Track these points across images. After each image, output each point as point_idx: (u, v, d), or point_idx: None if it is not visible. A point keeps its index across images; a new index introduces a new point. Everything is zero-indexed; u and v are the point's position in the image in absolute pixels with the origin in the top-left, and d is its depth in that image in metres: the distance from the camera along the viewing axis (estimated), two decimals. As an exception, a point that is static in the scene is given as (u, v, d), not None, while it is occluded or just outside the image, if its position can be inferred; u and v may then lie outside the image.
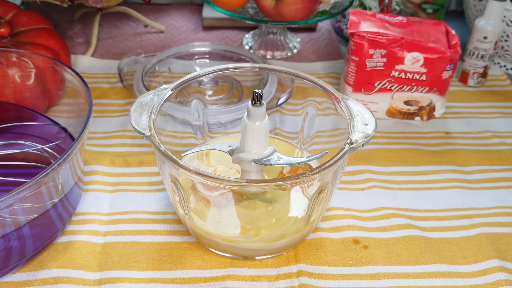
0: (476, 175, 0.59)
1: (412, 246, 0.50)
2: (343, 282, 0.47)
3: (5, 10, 0.67)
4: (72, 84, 0.53)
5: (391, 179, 0.58)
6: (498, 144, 0.64)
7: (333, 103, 0.49)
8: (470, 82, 0.75)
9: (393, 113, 0.67)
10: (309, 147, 0.56)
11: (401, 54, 0.62)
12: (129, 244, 0.50)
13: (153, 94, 0.48)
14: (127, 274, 0.47)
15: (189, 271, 0.47)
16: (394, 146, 0.63)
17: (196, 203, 0.49)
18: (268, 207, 0.48)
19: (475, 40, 0.72)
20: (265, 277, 0.47)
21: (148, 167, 0.58)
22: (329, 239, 0.51)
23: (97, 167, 0.57)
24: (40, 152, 0.54)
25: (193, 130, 0.57)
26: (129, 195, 0.55)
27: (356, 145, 0.43)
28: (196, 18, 0.93)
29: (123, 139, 0.63)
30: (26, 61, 0.58)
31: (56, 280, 0.46)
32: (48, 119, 0.58)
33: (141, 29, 0.89)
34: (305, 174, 0.41)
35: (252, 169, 0.47)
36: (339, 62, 0.80)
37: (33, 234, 0.45)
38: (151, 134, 0.44)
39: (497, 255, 0.49)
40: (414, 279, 0.47)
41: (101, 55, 0.81)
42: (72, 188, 0.48)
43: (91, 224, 0.51)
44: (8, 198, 0.38)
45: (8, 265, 0.45)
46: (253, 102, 0.45)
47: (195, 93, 0.66)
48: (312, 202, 0.45)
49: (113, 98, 0.70)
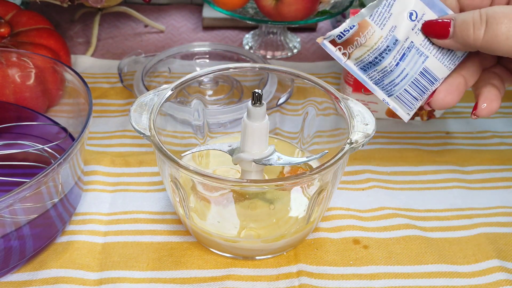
0: (476, 175, 0.59)
1: (412, 246, 0.50)
2: (343, 282, 0.47)
3: (5, 10, 0.67)
4: (72, 84, 0.53)
5: (391, 179, 0.58)
6: (498, 144, 0.64)
7: (333, 103, 0.49)
8: (470, 82, 0.75)
9: (393, 113, 0.67)
10: (309, 147, 0.56)
11: (401, 54, 0.62)
12: (129, 244, 0.50)
13: (153, 94, 0.48)
14: (127, 274, 0.47)
15: (189, 271, 0.47)
16: (394, 146, 0.63)
17: (196, 203, 0.49)
18: (270, 206, 0.48)
19: (475, 40, 0.72)
20: (265, 277, 0.47)
21: (148, 167, 0.58)
22: (329, 239, 0.51)
23: (97, 167, 0.57)
24: (40, 152, 0.54)
25: (193, 130, 0.57)
26: (129, 195, 0.55)
27: (356, 145, 0.43)
28: (196, 18, 0.93)
29: (123, 139, 0.63)
30: (26, 61, 0.58)
31: (56, 280, 0.46)
32: (48, 119, 0.58)
33: (141, 29, 0.89)
34: (305, 174, 0.41)
35: (252, 169, 0.47)
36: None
37: (33, 234, 0.45)
38: (151, 134, 0.44)
39: (497, 255, 0.49)
40: (414, 279, 0.47)
41: (101, 55, 0.81)
42: (72, 188, 0.48)
43: (91, 224, 0.51)
44: (8, 198, 0.38)
45: (8, 265, 0.45)
46: (253, 102, 0.45)
47: (195, 93, 0.66)
48: (312, 202, 0.45)
49: (113, 98, 0.70)
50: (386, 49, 0.40)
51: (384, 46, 0.40)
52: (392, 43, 0.40)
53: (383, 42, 0.40)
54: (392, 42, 0.40)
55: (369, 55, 0.41)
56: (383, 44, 0.40)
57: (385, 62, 0.41)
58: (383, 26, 0.40)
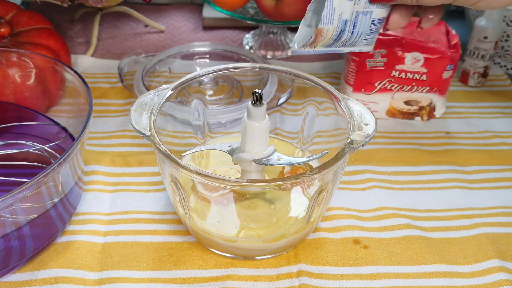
0: (477, 175, 0.59)
1: (412, 246, 0.50)
2: (343, 282, 0.47)
3: (5, 10, 0.67)
4: (72, 84, 0.53)
5: (392, 179, 0.58)
6: (499, 144, 0.64)
7: (333, 103, 0.49)
8: (471, 82, 0.75)
9: (394, 113, 0.67)
10: (309, 147, 0.56)
11: (402, 54, 0.62)
12: (129, 244, 0.50)
13: (153, 94, 0.48)
14: (127, 274, 0.47)
15: (189, 271, 0.47)
16: (395, 146, 0.63)
17: (196, 203, 0.49)
18: (271, 206, 0.48)
19: (475, 40, 0.72)
20: (266, 277, 0.47)
21: (148, 167, 0.58)
22: (329, 239, 0.51)
23: (97, 167, 0.57)
24: (40, 152, 0.54)
25: (193, 130, 0.57)
26: (129, 195, 0.55)
27: (356, 145, 0.43)
28: (196, 18, 0.93)
29: (123, 139, 0.63)
30: (26, 61, 0.58)
31: (56, 280, 0.46)
32: (48, 119, 0.58)
33: (141, 29, 0.89)
34: (305, 174, 0.41)
35: (252, 169, 0.47)
36: (339, 62, 0.80)
37: (33, 234, 0.45)
38: (151, 134, 0.44)
39: (498, 255, 0.49)
40: (414, 279, 0.47)
41: (101, 55, 0.81)
42: (72, 188, 0.48)
43: (91, 224, 0.51)
44: (8, 198, 0.38)
45: (8, 265, 0.45)
46: (253, 102, 0.45)
47: (195, 93, 0.66)
48: (312, 202, 0.45)
49: (113, 98, 0.70)
50: (341, 32, 0.48)
51: (339, 31, 0.48)
52: (343, 25, 0.47)
53: (337, 29, 0.48)
54: (343, 24, 0.47)
55: (329, 41, 0.49)
56: (338, 30, 0.48)
57: (344, 37, 0.49)
58: (332, 21, 0.47)
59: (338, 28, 0.47)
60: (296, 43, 0.49)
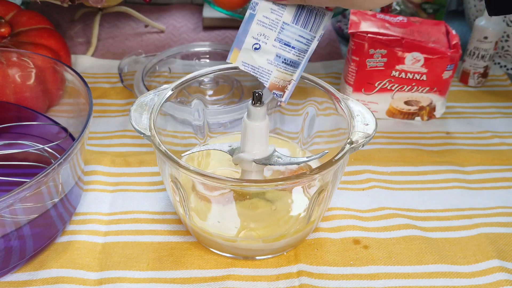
0: (477, 175, 0.59)
1: (412, 246, 0.50)
2: (343, 282, 0.47)
3: (6, 10, 0.67)
4: (73, 84, 0.53)
5: (392, 179, 0.58)
6: (499, 144, 0.64)
7: (333, 103, 0.49)
8: (471, 82, 0.75)
9: (394, 113, 0.67)
10: (310, 147, 0.56)
11: (402, 54, 0.62)
12: (129, 244, 0.50)
13: (153, 94, 0.48)
14: (127, 274, 0.47)
15: (189, 271, 0.47)
16: (395, 146, 0.63)
17: (196, 203, 0.49)
18: (272, 206, 0.48)
19: (475, 40, 0.72)
20: (265, 277, 0.47)
21: (148, 167, 0.58)
22: (330, 239, 0.51)
23: (98, 167, 0.57)
24: (40, 152, 0.54)
25: (193, 130, 0.57)
26: (129, 195, 0.55)
27: (357, 145, 0.43)
28: (197, 18, 0.93)
29: (124, 139, 0.63)
30: (26, 61, 0.58)
31: (56, 280, 0.46)
32: (49, 119, 0.58)
33: (141, 29, 0.89)
34: (305, 174, 0.41)
35: (253, 169, 0.47)
36: (339, 62, 0.80)
37: (33, 234, 0.45)
38: (152, 134, 0.44)
39: (498, 255, 0.49)
40: (414, 279, 0.47)
41: (101, 55, 0.81)
42: (72, 188, 0.48)
43: (91, 224, 0.51)
44: (9, 198, 0.38)
45: (8, 265, 0.45)
46: (253, 102, 0.45)
47: (196, 93, 0.66)
48: (313, 202, 0.45)
49: (113, 98, 0.70)
50: (280, 56, 0.45)
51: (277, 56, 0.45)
52: (279, 56, 0.45)
53: (275, 59, 0.45)
54: (280, 56, 0.45)
55: (292, 76, 0.46)
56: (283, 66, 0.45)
57: (293, 58, 0.45)
58: (265, 61, 0.44)
59: (275, 59, 0.45)
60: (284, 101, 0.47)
